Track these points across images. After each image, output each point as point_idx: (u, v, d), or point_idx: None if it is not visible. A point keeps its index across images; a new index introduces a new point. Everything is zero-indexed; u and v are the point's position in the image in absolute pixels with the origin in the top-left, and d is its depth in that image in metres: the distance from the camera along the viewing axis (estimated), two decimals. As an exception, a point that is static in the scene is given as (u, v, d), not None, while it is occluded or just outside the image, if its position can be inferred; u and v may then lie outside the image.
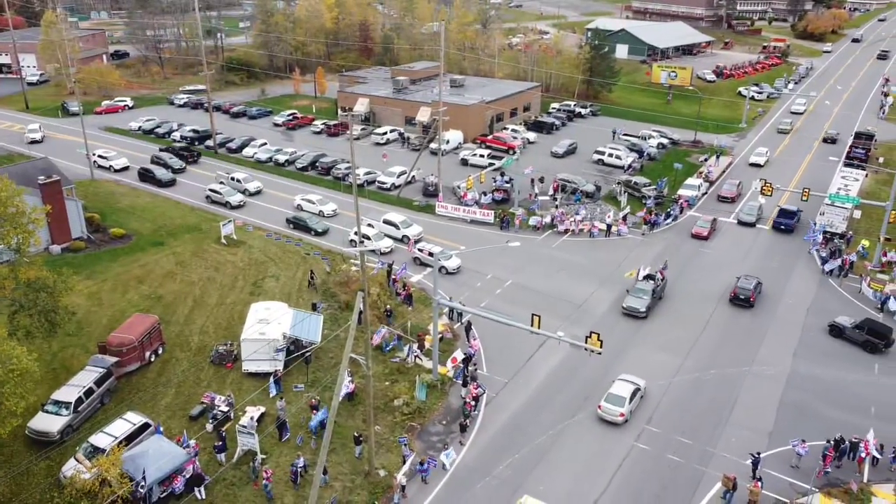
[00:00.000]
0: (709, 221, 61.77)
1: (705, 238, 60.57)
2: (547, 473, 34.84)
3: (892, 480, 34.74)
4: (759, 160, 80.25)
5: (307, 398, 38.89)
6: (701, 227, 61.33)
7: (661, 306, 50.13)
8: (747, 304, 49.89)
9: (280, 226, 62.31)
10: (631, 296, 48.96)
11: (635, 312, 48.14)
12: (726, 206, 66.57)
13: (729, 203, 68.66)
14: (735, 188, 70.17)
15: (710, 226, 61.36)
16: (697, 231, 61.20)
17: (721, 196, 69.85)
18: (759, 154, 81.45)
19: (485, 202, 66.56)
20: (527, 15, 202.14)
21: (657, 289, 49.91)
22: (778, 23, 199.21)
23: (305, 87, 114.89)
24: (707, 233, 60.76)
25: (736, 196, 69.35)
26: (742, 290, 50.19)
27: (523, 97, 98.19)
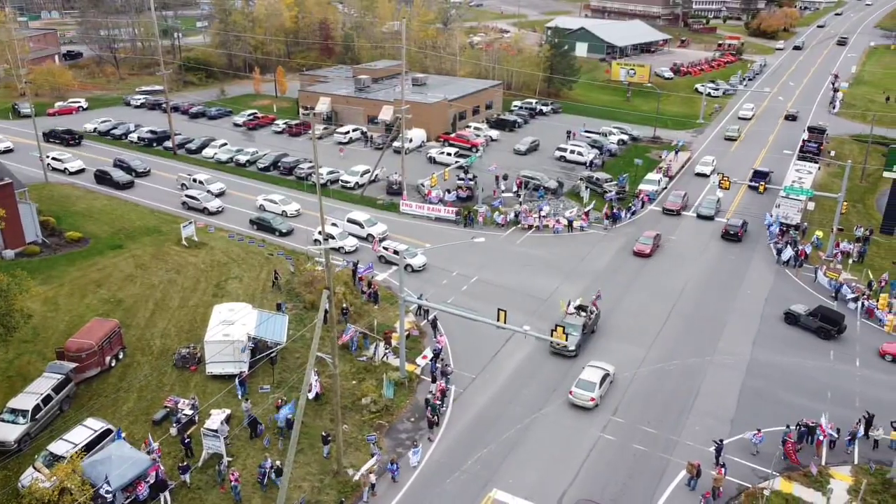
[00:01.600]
0: (651, 237, 57.92)
1: (647, 255, 56.81)
2: (516, 467, 35.07)
3: (848, 462, 35.80)
4: (705, 170, 76.86)
5: (273, 399, 38.48)
6: (643, 244, 57.37)
7: (623, 306, 50.77)
8: (736, 238, 60.14)
9: (243, 227, 61.51)
10: None
11: (564, 351, 43.36)
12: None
13: (674, 216, 65.46)
14: (680, 200, 66.54)
15: (652, 242, 57.56)
16: (639, 248, 57.16)
17: (666, 208, 66.15)
18: (704, 164, 78.21)
19: (449, 200, 66.66)
20: (487, 14, 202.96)
21: (588, 323, 45.23)
22: (732, 21, 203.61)
23: (266, 86, 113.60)
24: (650, 250, 56.82)
25: (681, 208, 65.90)
26: (731, 227, 60.75)
27: (485, 95, 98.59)
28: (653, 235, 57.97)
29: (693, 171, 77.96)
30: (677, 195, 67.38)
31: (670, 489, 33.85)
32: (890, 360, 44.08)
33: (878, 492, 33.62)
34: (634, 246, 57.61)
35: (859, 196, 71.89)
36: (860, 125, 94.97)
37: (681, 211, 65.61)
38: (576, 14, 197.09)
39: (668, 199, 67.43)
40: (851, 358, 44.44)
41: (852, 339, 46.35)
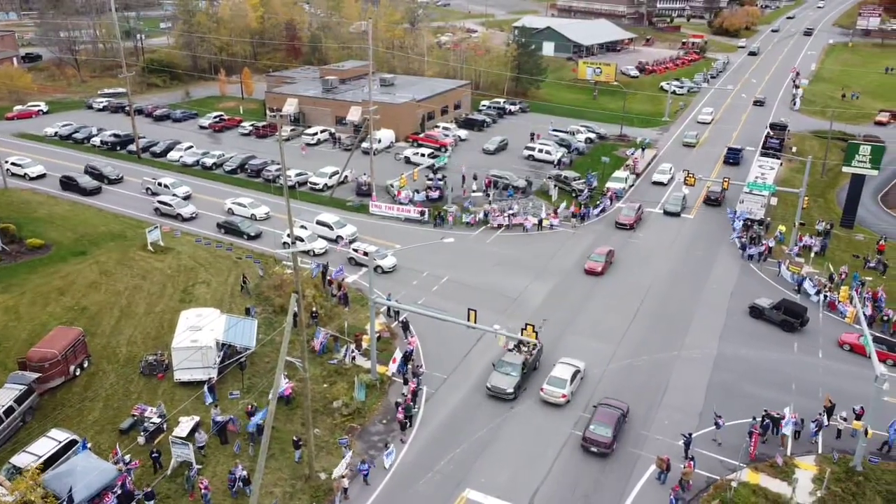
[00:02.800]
0: (603, 255, 54.82)
1: (599, 274, 54.12)
2: (488, 466, 35.20)
3: (812, 452, 36.60)
4: (662, 178, 74.04)
5: (243, 405, 38.09)
6: (594, 262, 54.31)
7: (592, 303, 51.19)
8: (717, 203, 67.27)
9: (210, 230, 60.76)
10: (497, 372, 40.16)
11: (501, 394, 39.29)
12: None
13: (627, 230, 62.14)
14: (634, 213, 62.92)
15: (605, 259, 54.63)
16: (591, 266, 54.02)
17: (619, 223, 62.46)
18: (662, 172, 75.09)
19: (418, 200, 66.62)
20: (454, 13, 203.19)
21: (530, 360, 41.38)
22: (696, 19, 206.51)
23: (232, 88, 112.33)
24: (602, 268, 53.90)
25: (635, 222, 62.58)
26: (712, 193, 68.00)
27: (454, 95, 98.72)
28: (605, 252, 54.99)
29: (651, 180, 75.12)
30: (630, 208, 63.83)
31: (641, 483, 34.28)
32: (848, 350, 45.18)
33: (841, 480, 34.40)
34: (586, 264, 54.55)
35: (820, 191, 73.53)
36: (820, 121, 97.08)
37: (634, 225, 62.31)
38: (542, 13, 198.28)
39: (620, 213, 63.53)
40: (814, 350, 45.42)
41: (815, 332, 47.35)
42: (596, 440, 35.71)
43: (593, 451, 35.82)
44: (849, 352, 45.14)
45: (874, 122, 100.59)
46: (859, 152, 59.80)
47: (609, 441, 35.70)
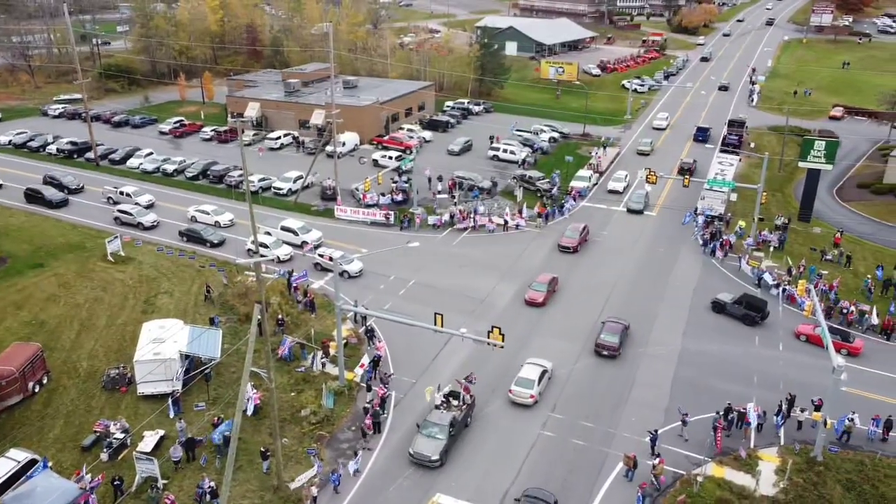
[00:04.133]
0: (545, 283, 50.96)
1: (541, 304, 49.89)
2: (458, 469, 35.26)
3: (775, 444, 37.41)
4: (617, 186, 71.85)
5: (209, 416, 37.58)
6: (536, 292, 50.20)
7: (558, 303, 51.56)
8: (690, 173, 70.71)
9: (172, 239, 59.77)
10: (421, 434, 35.67)
11: (424, 461, 34.78)
12: (567, 258, 54.80)
13: (570, 253, 57.91)
14: (578, 235, 58.64)
15: (547, 288, 50.71)
16: (531, 297, 49.95)
17: (561, 245, 58.36)
18: (617, 179, 72.95)
19: (384, 203, 66.43)
20: (417, 14, 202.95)
21: (459, 418, 36.85)
22: (655, 18, 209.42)
23: (192, 92, 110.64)
24: (543, 298, 49.87)
25: (578, 244, 58.42)
26: (685, 164, 75.87)
27: (417, 96, 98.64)
28: (547, 280, 51.01)
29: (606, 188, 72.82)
30: (574, 230, 59.19)
31: (609, 481, 34.68)
32: (804, 341, 46.32)
33: (802, 470, 35.24)
34: (526, 293, 50.51)
35: (778, 186, 75.09)
36: (777, 117, 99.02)
37: (577, 248, 58.40)
38: (504, 13, 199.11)
39: (563, 235, 58.97)
40: (775, 342, 46.42)
41: (775, 325, 48.39)
42: (606, 345, 44.06)
43: (605, 354, 44.09)
44: (805, 342, 46.28)
45: (829, 117, 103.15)
46: (814, 148, 61.14)
47: (616, 346, 44.04)
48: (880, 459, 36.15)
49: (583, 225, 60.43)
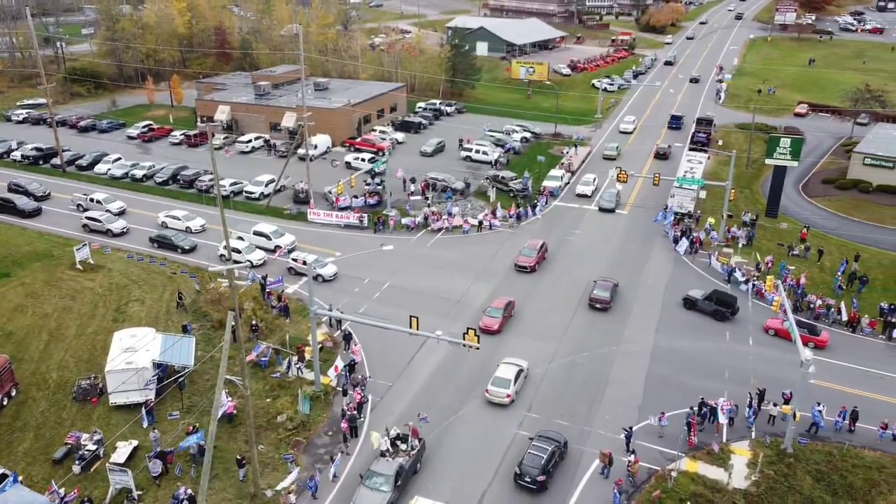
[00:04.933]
0: (501, 308, 47.47)
1: (496, 332, 46.52)
2: (436, 471, 35.36)
3: (746, 438, 38.11)
4: (586, 190, 71.34)
5: (184, 425, 37.20)
6: (490, 318, 46.83)
7: (532, 302, 51.91)
8: (665, 158, 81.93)
9: (142, 245, 58.99)
10: (364, 486, 32.61)
11: None
12: (525, 278, 53.60)
13: (527, 273, 55.20)
14: (535, 253, 55.92)
15: (503, 312, 47.54)
16: (486, 323, 46.63)
17: (518, 265, 55.46)
18: (585, 183, 72.47)
19: (357, 206, 66.29)
20: (387, 14, 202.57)
21: (406, 465, 33.91)
22: (624, 17, 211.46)
23: (160, 96, 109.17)
24: (499, 324, 46.60)
25: (536, 264, 55.45)
26: (661, 149, 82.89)
27: (389, 98, 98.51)
28: (503, 304, 47.96)
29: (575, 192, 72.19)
30: (532, 248, 56.60)
31: (585, 479, 35.04)
32: (773, 335, 47.26)
33: (773, 462, 35.98)
34: (481, 320, 47.28)
35: (746, 182, 76.41)
36: (744, 114, 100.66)
37: (535, 266, 55.67)
38: (475, 13, 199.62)
39: (520, 253, 56.42)
40: (745, 337, 47.27)
41: (745, 320, 49.27)
42: (599, 299, 49.85)
43: (598, 307, 49.83)
44: (774, 336, 47.20)
45: (794, 114, 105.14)
46: (780, 145, 62.27)
47: (608, 300, 49.90)
48: (848, 450, 37.03)
49: (541, 242, 57.36)
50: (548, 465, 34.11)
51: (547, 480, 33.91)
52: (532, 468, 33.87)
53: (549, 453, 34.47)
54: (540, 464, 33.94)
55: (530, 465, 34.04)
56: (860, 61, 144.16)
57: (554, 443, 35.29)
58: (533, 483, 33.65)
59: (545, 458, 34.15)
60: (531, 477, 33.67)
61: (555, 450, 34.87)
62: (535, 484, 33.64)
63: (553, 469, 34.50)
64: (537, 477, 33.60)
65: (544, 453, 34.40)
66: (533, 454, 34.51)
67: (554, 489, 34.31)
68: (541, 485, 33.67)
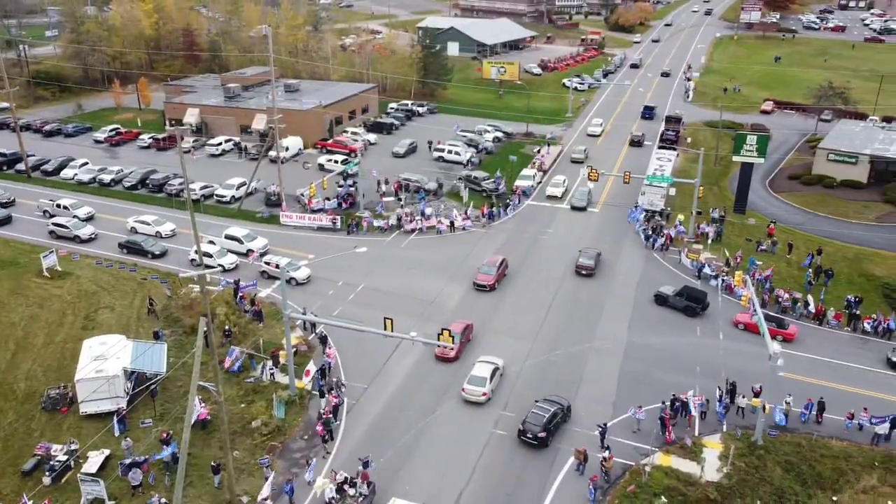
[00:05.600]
0: (458, 333, 43.20)
1: (453, 360, 43.70)
2: (413, 473, 35.44)
3: (718, 431, 38.77)
4: (556, 192, 71.15)
5: (157, 432, 36.78)
6: (446, 349, 42.99)
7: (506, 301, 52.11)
8: (639, 145, 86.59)
9: (112, 251, 58.13)
10: None
11: None
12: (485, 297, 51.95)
13: (486, 291, 52.39)
14: (495, 270, 53.00)
15: (459, 339, 43.36)
16: (441, 353, 43.42)
17: (477, 283, 52.54)
18: (555, 185, 72.32)
19: (330, 208, 66.03)
20: (358, 15, 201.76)
21: None
22: (593, 16, 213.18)
23: (128, 99, 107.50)
24: (454, 354, 43.41)
25: (496, 282, 52.64)
26: (635, 137, 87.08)
27: (361, 99, 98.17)
28: (461, 329, 44.53)
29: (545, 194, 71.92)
30: (492, 264, 53.87)
31: (561, 476, 35.38)
32: (742, 329, 48.11)
33: (744, 455, 36.66)
34: (437, 349, 43.77)
35: (714, 179, 77.56)
36: (712, 112, 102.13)
37: (495, 285, 52.96)
38: (445, 13, 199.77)
39: (479, 271, 53.42)
40: (715, 332, 48.05)
41: (715, 315, 50.08)
42: (584, 266, 54.65)
43: (583, 273, 54.61)
44: (743, 331, 48.06)
45: (760, 111, 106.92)
46: (746, 142, 63.38)
47: (592, 266, 54.51)
48: (816, 440, 37.89)
49: (500, 258, 54.67)
50: (549, 423, 36.92)
51: (548, 437, 36.69)
52: (534, 425, 36.76)
53: (552, 413, 37.37)
54: (542, 422, 36.83)
55: (533, 422, 36.92)
56: (823, 59, 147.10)
57: (557, 405, 38.26)
58: (534, 439, 36.60)
59: (547, 417, 37.00)
60: (532, 433, 36.60)
61: (557, 411, 37.83)
62: (536, 440, 36.60)
63: (554, 428, 37.27)
64: (538, 433, 36.47)
65: (546, 413, 37.36)
66: (536, 413, 37.48)
67: (530, 487, 34.59)
68: (541, 441, 36.52)
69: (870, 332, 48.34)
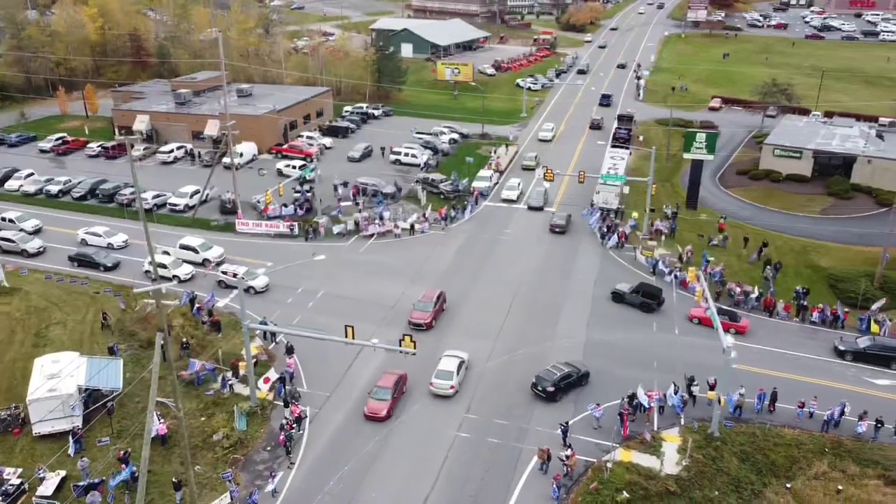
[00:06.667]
0: (389, 388, 39.92)
1: (384, 418, 39.11)
2: (378, 480, 35.42)
3: (676, 424, 39.70)
4: (511, 195, 71.17)
5: (114, 450, 36.00)
6: (378, 402, 39.12)
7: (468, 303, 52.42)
8: (599, 128, 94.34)
9: (62, 265, 56.61)
10: None
11: None
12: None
13: (423, 330, 47.33)
14: (432, 306, 48.57)
15: (391, 394, 39.67)
16: (372, 408, 39.08)
17: (412, 323, 47.82)
18: (510, 188, 72.29)
19: (287, 214, 65.41)
20: (310, 17, 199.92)
21: None
22: (545, 16, 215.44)
23: (74, 106, 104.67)
24: (384, 412, 38.88)
25: (432, 319, 48.14)
26: (594, 121, 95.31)
27: (315, 102, 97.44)
28: (391, 383, 40.41)
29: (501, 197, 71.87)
30: (428, 300, 49.22)
31: (525, 476, 35.80)
32: (697, 323, 49.36)
33: (702, 447, 37.62)
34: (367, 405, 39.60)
35: (666, 176, 79.25)
36: (663, 110, 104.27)
37: (432, 323, 48.19)
38: (398, 14, 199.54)
39: (414, 308, 48.84)
40: (671, 327, 49.17)
41: (671, 310, 51.24)
42: (557, 225, 62.88)
43: (556, 231, 62.83)
44: (698, 325, 49.29)
45: (709, 108, 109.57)
46: (696, 140, 65.05)
47: (564, 225, 62.76)
48: (769, 430, 39.13)
49: (438, 292, 50.09)
50: (560, 381, 41.01)
51: (557, 393, 40.62)
52: (545, 380, 40.96)
53: (564, 373, 41.50)
54: (553, 378, 41.02)
55: (545, 378, 41.15)
56: (765, 57, 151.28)
57: (572, 367, 42.25)
58: (543, 392, 40.72)
59: (559, 376, 41.16)
60: (542, 387, 40.76)
61: (572, 372, 41.85)
62: (545, 393, 40.70)
63: (565, 386, 41.19)
64: (548, 388, 40.55)
65: (559, 372, 41.53)
66: (550, 370, 41.80)
67: (495, 488, 34.91)
68: (550, 395, 40.54)
69: (817, 323, 50.08)
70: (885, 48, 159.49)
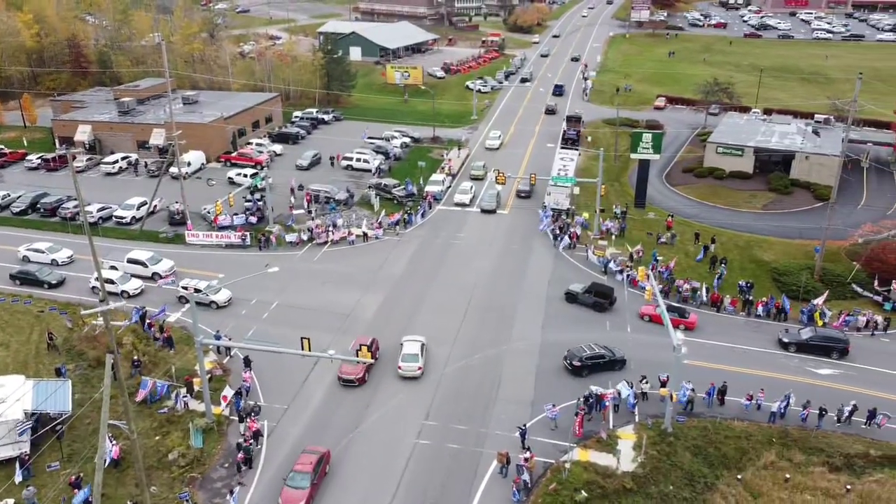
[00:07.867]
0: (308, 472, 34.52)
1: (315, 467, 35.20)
2: (338, 492, 35.31)
3: (631, 422, 40.61)
4: (464, 199, 71.05)
5: (65, 476, 35.03)
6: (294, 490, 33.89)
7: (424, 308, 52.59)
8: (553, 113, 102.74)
9: (3, 284, 54.68)
10: None
11: None
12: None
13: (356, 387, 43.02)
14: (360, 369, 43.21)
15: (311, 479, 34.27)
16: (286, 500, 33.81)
17: (343, 379, 43.18)
18: (463, 192, 72.20)
19: (238, 224, 64.50)
20: (256, 20, 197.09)
21: None
22: (492, 17, 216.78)
23: (10, 116, 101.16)
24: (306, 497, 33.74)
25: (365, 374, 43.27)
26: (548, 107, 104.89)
27: (264, 108, 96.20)
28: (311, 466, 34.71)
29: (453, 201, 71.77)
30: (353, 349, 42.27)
31: (485, 481, 36.16)
32: (648, 321, 50.57)
33: (656, 443, 38.57)
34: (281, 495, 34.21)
35: (615, 176, 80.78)
36: (609, 109, 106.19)
37: (365, 377, 43.36)
38: (345, 17, 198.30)
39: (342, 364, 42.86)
40: (623, 325, 50.23)
41: (622, 309, 52.32)
42: (522, 190, 72.35)
43: (522, 196, 72.40)
44: (649, 322, 50.49)
45: (654, 108, 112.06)
46: (642, 140, 66.49)
47: (528, 191, 72.14)
48: (720, 423, 40.34)
49: (370, 339, 45.15)
50: (588, 360, 43.95)
51: (581, 369, 43.73)
52: (574, 355, 44.20)
53: (595, 353, 44.38)
54: (582, 355, 44.11)
55: (575, 353, 44.43)
56: (703, 58, 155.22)
57: (606, 349, 44.99)
58: (570, 366, 44.10)
59: (588, 354, 44.15)
60: (569, 360, 44.25)
61: (605, 353, 44.60)
62: (571, 367, 44.04)
63: (592, 365, 43.97)
64: (574, 362, 43.88)
65: (589, 351, 44.54)
66: (581, 347, 44.97)
67: (455, 494, 35.15)
68: (575, 369, 43.82)
69: (762, 316, 51.81)
70: (820, 46, 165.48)
